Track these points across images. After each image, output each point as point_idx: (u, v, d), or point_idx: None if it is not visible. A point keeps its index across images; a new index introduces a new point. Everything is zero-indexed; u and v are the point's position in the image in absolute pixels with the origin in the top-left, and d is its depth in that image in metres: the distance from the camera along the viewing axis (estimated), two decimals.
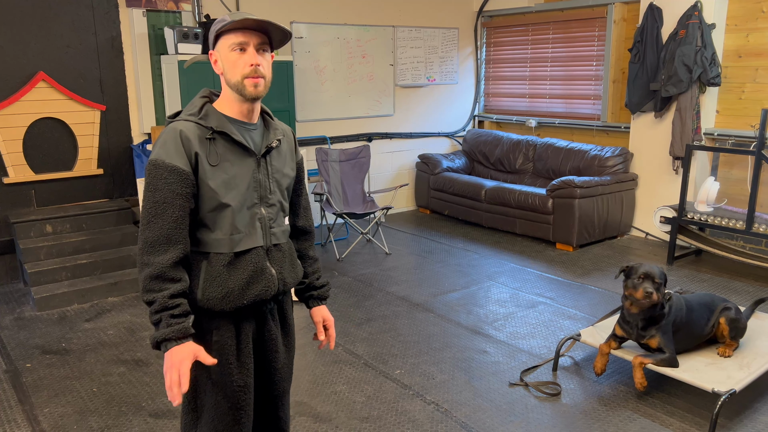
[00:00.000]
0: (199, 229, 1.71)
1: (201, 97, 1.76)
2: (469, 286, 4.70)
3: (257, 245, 1.75)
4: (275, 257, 1.79)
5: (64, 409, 3.04)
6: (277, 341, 1.87)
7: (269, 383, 1.90)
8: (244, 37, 1.66)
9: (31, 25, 4.71)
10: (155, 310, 1.61)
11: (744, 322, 3.16)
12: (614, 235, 5.93)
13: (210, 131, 1.68)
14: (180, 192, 1.62)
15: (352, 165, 5.98)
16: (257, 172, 1.75)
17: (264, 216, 1.77)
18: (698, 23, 5.13)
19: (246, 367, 1.78)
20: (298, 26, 6.04)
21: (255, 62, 1.66)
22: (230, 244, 1.71)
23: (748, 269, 5.07)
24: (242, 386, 1.77)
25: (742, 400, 3.05)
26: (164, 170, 1.62)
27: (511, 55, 7.26)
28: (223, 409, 1.76)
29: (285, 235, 1.84)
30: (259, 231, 1.75)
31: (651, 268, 2.96)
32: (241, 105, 1.72)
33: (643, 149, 5.88)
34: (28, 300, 4.48)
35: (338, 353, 3.62)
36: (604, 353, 3.15)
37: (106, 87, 5.10)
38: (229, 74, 1.68)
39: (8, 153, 4.71)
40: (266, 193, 1.77)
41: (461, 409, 3.01)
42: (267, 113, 1.85)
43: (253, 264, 1.73)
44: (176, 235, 1.63)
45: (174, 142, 1.64)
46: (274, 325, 1.86)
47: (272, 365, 1.88)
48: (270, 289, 1.77)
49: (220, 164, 1.68)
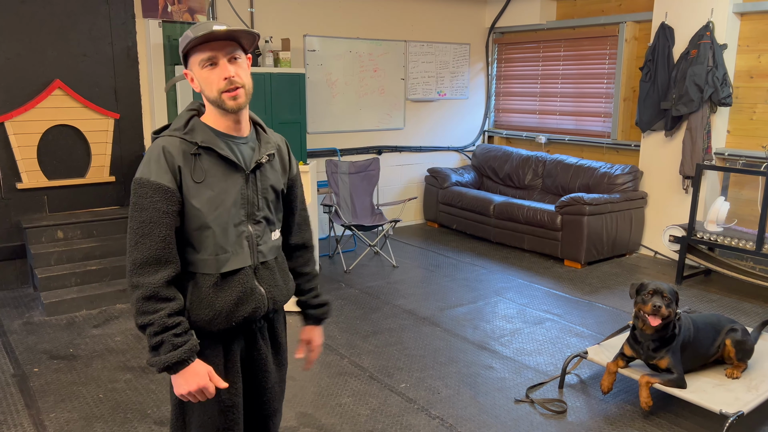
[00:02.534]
0: (185, 248, 1.65)
1: (188, 111, 1.69)
2: (476, 301, 4.69)
3: (245, 265, 1.68)
4: (263, 276, 1.72)
5: (70, 414, 3.05)
6: (267, 360, 1.81)
7: (260, 403, 1.85)
8: (212, 51, 1.58)
9: (49, 34, 4.78)
10: (154, 332, 1.54)
11: (751, 344, 3.14)
12: (623, 253, 5.91)
13: (195, 146, 1.61)
14: (166, 210, 1.56)
15: (361, 177, 6.01)
16: (245, 188, 1.67)
17: (251, 234, 1.69)
18: (710, 43, 5.14)
19: (234, 387, 1.72)
20: (311, 39, 6.10)
21: (228, 75, 1.59)
22: (216, 265, 1.64)
23: (757, 290, 5.03)
24: (230, 406, 1.72)
25: (750, 422, 3.02)
26: (149, 188, 1.56)
27: (522, 72, 7.28)
28: (210, 428, 1.71)
29: (273, 251, 1.77)
30: (247, 250, 1.68)
31: (660, 284, 2.96)
32: (226, 118, 1.65)
33: (653, 168, 5.87)
34: (37, 305, 4.51)
35: (344, 365, 3.61)
36: (612, 372, 3.13)
37: (121, 96, 5.16)
38: (207, 91, 1.61)
39: (22, 159, 4.77)
40: (254, 209, 1.69)
41: (466, 424, 3.00)
42: (259, 125, 1.78)
43: (241, 284, 1.67)
44: (166, 254, 1.57)
45: (157, 159, 1.58)
46: (263, 344, 1.80)
47: (262, 385, 1.82)
48: (260, 309, 1.71)
49: (206, 180, 1.61)
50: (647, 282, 3.01)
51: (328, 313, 2.00)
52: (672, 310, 2.93)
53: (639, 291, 3.02)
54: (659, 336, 2.97)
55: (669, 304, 2.92)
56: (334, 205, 5.55)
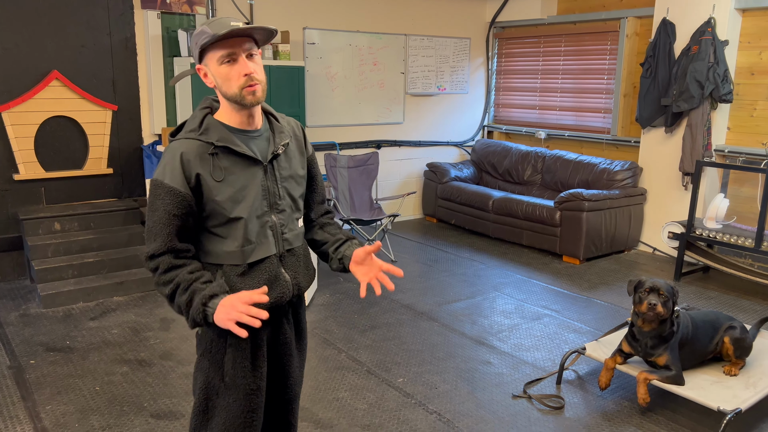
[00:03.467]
0: (211, 240, 1.71)
1: (201, 109, 1.72)
2: (474, 296, 4.68)
3: (270, 254, 1.73)
4: (289, 262, 1.78)
5: (66, 407, 3.04)
6: (291, 345, 1.86)
7: (282, 387, 1.89)
8: (231, 48, 1.60)
9: (47, 25, 4.75)
10: (184, 289, 1.61)
11: (749, 341, 3.13)
12: (621, 249, 5.90)
13: (212, 146, 1.65)
14: (176, 213, 1.62)
15: (360, 171, 5.99)
16: (265, 180, 1.72)
17: (275, 223, 1.75)
18: (711, 40, 5.12)
19: (259, 371, 1.77)
20: (310, 32, 6.07)
21: (248, 71, 1.61)
22: (242, 256, 1.70)
23: (756, 287, 5.03)
24: (255, 389, 1.77)
25: (748, 419, 3.02)
26: (162, 190, 1.62)
27: (523, 67, 7.26)
28: (234, 411, 1.75)
29: (298, 238, 1.82)
30: (271, 239, 1.74)
31: (657, 282, 2.95)
32: (240, 113, 1.68)
33: (653, 164, 5.86)
34: (34, 297, 4.50)
35: (341, 360, 3.61)
36: (610, 368, 3.13)
37: (119, 87, 5.14)
38: (225, 87, 1.64)
39: (20, 150, 4.74)
40: (276, 199, 1.75)
41: (463, 419, 2.99)
42: (272, 114, 1.80)
43: (268, 272, 1.73)
44: (179, 246, 1.65)
45: (172, 163, 1.62)
46: (288, 328, 1.85)
47: (286, 369, 1.87)
48: (285, 295, 1.77)
49: (226, 178, 1.65)
50: (644, 279, 3.00)
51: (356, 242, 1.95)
52: (668, 308, 2.92)
53: (636, 288, 3.01)
54: (657, 333, 2.96)
55: (666, 302, 2.91)
56: (333, 199, 5.53)
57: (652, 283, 2.95)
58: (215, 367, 1.74)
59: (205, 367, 1.76)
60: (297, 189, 1.82)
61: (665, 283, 2.95)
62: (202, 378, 1.76)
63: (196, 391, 1.79)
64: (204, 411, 1.78)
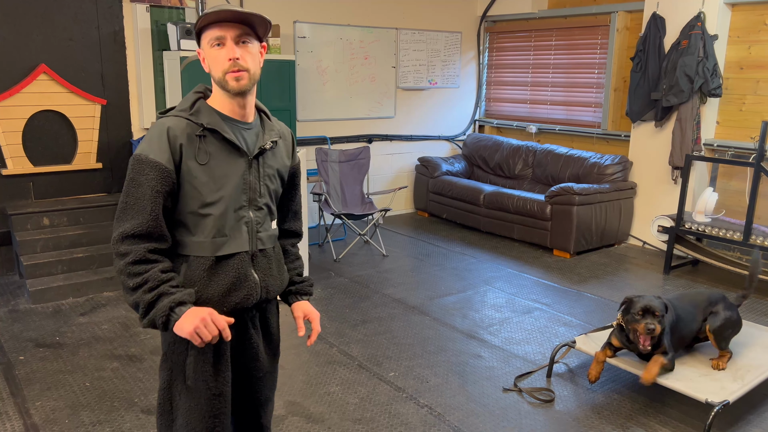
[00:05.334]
0: (179, 230, 1.65)
1: (194, 93, 1.70)
2: (465, 290, 4.70)
3: (242, 250, 1.67)
4: (260, 263, 1.73)
5: (56, 402, 3.03)
6: (257, 349, 1.80)
7: (251, 391, 1.84)
8: (221, 31, 1.59)
9: (34, 17, 4.70)
10: (150, 288, 1.53)
11: (733, 320, 3.13)
12: (611, 243, 5.93)
13: (200, 128, 1.62)
14: (160, 189, 1.57)
15: (351, 166, 5.98)
16: (248, 174, 1.68)
17: (251, 219, 1.70)
18: (701, 34, 5.14)
19: (222, 375, 1.71)
20: (301, 26, 6.04)
21: (233, 56, 1.59)
22: (212, 248, 1.64)
23: (744, 281, 5.07)
24: (217, 394, 1.70)
25: (735, 411, 3.05)
26: (147, 165, 1.56)
27: (514, 61, 7.26)
28: (196, 415, 1.69)
29: (272, 240, 1.77)
30: (245, 235, 1.68)
31: (650, 302, 2.90)
32: (231, 102, 1.65)
33: (643, 158, 5.88)
34: (23, 292, 4.47)
35: (332, 354, 3.61)
36: (600, 361, 3.15)
37: (108, 81, 5.09)
38: (213, 70, 1.62)
39: (7, 144, 4.70)
40: (255, 195, 1.70)
41: (454, 413, 3.00)
42: (264, 112, 1.79)
43: (236, 270, 1.66)
44: (157, 231, 1.58)
45: (159, 138, 1.58)
46: (254, 333, 1.79)
47: (253, 374, 1.82)
48: (251, 297, 1.70)
49: (209, 163, 1.62)
50: (636, 299, 2.95)
51: (312, 288, 1.97)
52: (663, 324, 2.91)
53: (628, 309, 2.96)
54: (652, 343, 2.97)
55: (661, 320, 2.90)
56: (324, 194, 5.52)
57: (645, 304, 2.90)
58: (178, 368, 1.70)
59: (168, 367, 1.71)
60: (276, 192, 1.79)
61: (657, 302, 2.92)
62: (166, 377, 1.72)
63: (160, 392, 1.75)
64: (168, 411, 1.73)
